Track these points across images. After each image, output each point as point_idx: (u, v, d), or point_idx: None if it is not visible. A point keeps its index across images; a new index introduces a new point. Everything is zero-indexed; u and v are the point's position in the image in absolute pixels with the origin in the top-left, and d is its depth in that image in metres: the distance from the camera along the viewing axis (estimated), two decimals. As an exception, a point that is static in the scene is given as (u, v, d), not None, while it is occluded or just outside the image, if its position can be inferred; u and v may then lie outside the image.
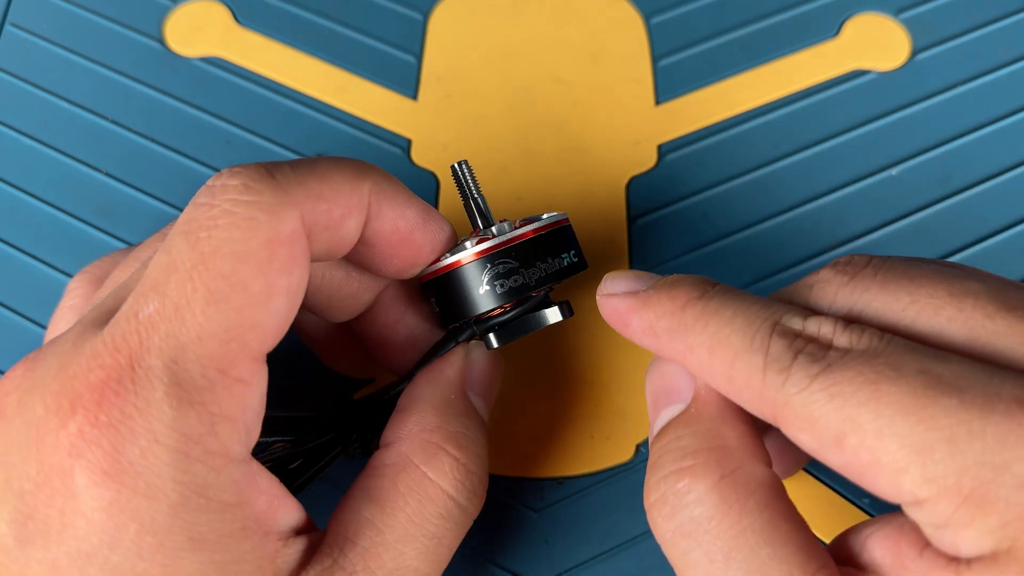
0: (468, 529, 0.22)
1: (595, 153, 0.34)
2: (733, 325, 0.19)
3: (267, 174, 0.19)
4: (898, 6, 0.36)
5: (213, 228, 0.18)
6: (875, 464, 0.17)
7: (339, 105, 0.35)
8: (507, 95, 0.35)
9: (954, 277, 0.19)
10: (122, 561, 0.17)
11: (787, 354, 0.18)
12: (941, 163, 0.33)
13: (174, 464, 0.17)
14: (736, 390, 0.19)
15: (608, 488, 0.28)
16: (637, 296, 0.22)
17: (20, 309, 0.31)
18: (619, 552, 0.27)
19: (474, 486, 0.22)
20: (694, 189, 0.33)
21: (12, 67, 0.35)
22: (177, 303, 0.18)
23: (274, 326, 0.19)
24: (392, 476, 0.21)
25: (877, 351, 0.18)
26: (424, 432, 0.22)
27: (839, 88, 0.35)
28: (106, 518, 0.17)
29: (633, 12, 0.37)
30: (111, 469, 0.17)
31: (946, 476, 0.16)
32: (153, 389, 0.17)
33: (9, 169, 0.33)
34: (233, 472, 0.18)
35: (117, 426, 0.17)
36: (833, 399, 0.17)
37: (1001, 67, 0.35)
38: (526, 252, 0.23)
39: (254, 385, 0.19)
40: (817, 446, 0.18)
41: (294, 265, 0.19)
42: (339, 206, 0.20)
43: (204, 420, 0.18)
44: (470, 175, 0.24)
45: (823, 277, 0.21)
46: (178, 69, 0.35)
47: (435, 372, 0.24)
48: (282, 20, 0.36)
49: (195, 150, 0.34)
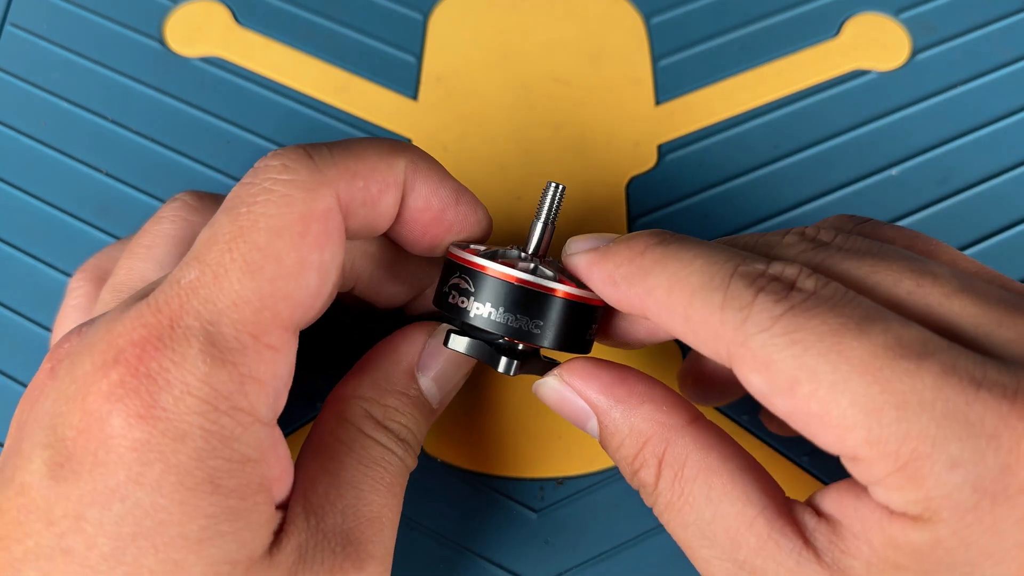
0: (407, 476, 0.23)
1: (595, 153, 0.34)
2: (693, 266, 0.20)
3: (305, 155, 0.20)
4: (898, 6, 0.36)
5: (252, 204, 0.20)
6: (824, 416, 0.17)
7: (339, 105, 0.35)
8: (507, 95, 0.35)
9: (916, 259, 0.20)
10: (144, 496, 0.18)
11: (748, 291, 0.18)
12: (941, 163, 0.33)
13: (203, 414, 0.18)
14: (692, 329, 0.19)
15: (608, 488, 0.28)
16: (597, 250, 0.22)
17: (20, 309, 0.31)
18: (619, 552, 0.27)
19: (407, 445, 0.23)
20: (694, 189, 0.33)
21: (12, 67, 0.35)
22: (216, 271, 0.19)
23: (305, 298, 0.20)
24: (332, 431, 0.23)
25: (843, 302, 0.18)
26: (358, 399, 0.23)
27: (839, 88, 0.35)
28: (135, 456, 0.18)
29: (633, 12, 0.37)
30: (146, 414, 0.18)
31: (888, 441, 0.17)
32: (190, 346, 0.18)
33: (9, 169, 0.33)
34: (259, 432, 0.19)
35: (155, 376, 0.18)
36: (793, 344, 0.18)
37: (1001, 67, 0.35)
38: (552, 307, 0.22)
39: (283, 353, 0.20)
40: (767, 389, 0.18)
41: (327, 241, 0.20)
42: (375, 182, 0.21)
43: (234, 379, 0.19)
44: (559, 203, 0.24)
45: (789, 240, 0.21)
46: (178, 69, 0.35)
47: (389, 345, 0.24)
48: (282, 20, 0.36)
49: (195, 150, 0.34)
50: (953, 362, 0.17)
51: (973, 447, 0.17)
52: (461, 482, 0.28)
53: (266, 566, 0.19)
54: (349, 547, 0.21)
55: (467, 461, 0.28)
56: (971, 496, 0.17)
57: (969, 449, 0.17)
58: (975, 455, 0.17)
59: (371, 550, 0.21)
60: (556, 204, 0.24)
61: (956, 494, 0.17)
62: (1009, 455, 0.17)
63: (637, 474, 0.22)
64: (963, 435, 0.17)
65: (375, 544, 0.21)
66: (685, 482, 0.21)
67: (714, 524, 0.20)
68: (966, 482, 0.17)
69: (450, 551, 0.27)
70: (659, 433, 0.21)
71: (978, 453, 0.17)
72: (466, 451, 0.28)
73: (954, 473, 0.17)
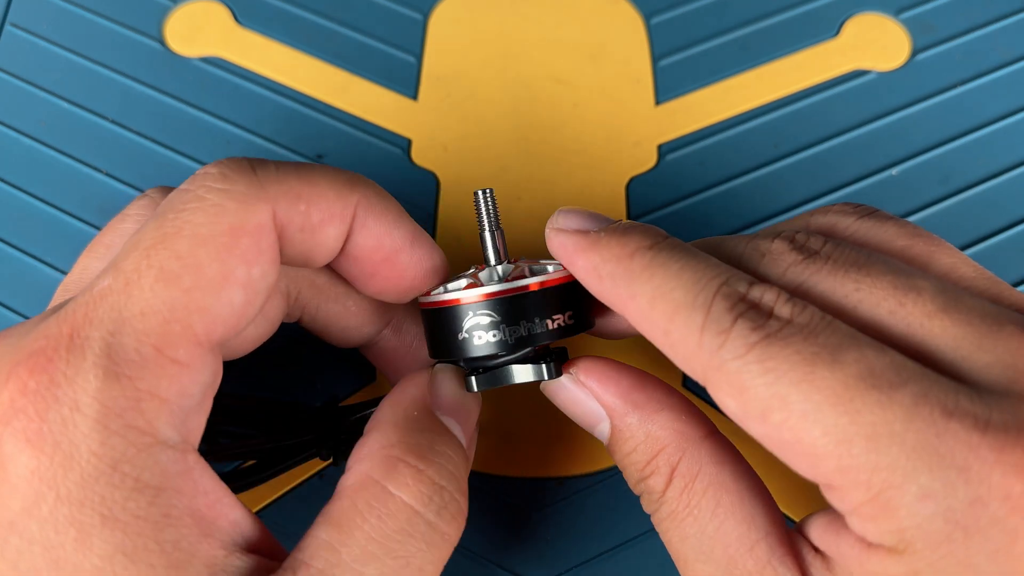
0: (447, 554, 0.20)
1: (595, 153, 0.34)
2: (679, 280, 0.19)
3: (247, 167, 0.20)
4: (898, 6, 0.36)
5: (181, 211, 0.19)
6: (796, 444, 0.17)
7: (339, 105, 0.35)
8: (507, 95, 0.35)
9: (902, 272, 0.19)
10: (40, 531, 0.17)
11: (727, 316, 0.18)
12: (941, 163, 0.33)
13: (91, 435, 0.17)
14: (671, 344, 0.19)
15: (608, 488, 0.28)
16: (587, 236, 0.21)
17: (20, 309, 0.31)
18: (619, 552, 0.27)
19: (444, 502, 0.20)
20: (694, 189, 0.33)
21: (12, 67, 0.35)
22: (128, 278, 0.18)
23: (226, 315, 0.19)
24: (351, 495, 0.20)
25: (817, 329, 0.18)
26: (383, 448, 0.20)
27: (839, 88, 0.35)
28: (27, 486, 0.17)
29: (633, 12, 0.37)
30: (34, 436, 0.17)
31: (859, 471, 0.17)
32: (83, 359, 0.17)
33: (9, 169, 0.33)
34: (159, 455, 0.17)
35: (43, 393, 0.17)
36: (767, 373, 0.17)
37: (1001, 67, 0.35)
38: (530, 304, 0.22)
39: (193, 370, 0.18)
40: (741, 414, 0.18)
41: (256, 257, 0.19)
42: (318, 210, 0.20)
43: (129, 394, 0.17)
44: (493, 205, 0.23)
45: (777, 248, 0.21)
46: (178, 69, 0.35)
47: (398, 393, 0.23)
48: (282, 20, 0.36)
49: (195, 150, 0.34)
50: (925, 391, 0.17)
51: (943, 479, 0.16)
52: (461, 482, 0.28)
53: None
54: None
55: (467, 461, 0.28)
56: (943, 527, 0.16)
57: (939, 481, 0.16)
58: (945, 487, 0.16)
59: None
60: (492, 208, 0.23)
61: (928, 525, 0.17)
62: (980, 487, 0.16)
63: (645, 480, 0.21)
64: (933, 466, 0.16)
65: None
66: (694, 494, 0.20)
67: (714, 540, 0.20)
68: (937, 514, 0.16)
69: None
70: (676, 442, 0.21)
71: (948, 485, 0.16)
72: (466, 451, 0.28)
73: (925, 504, 0.16)
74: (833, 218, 0.23)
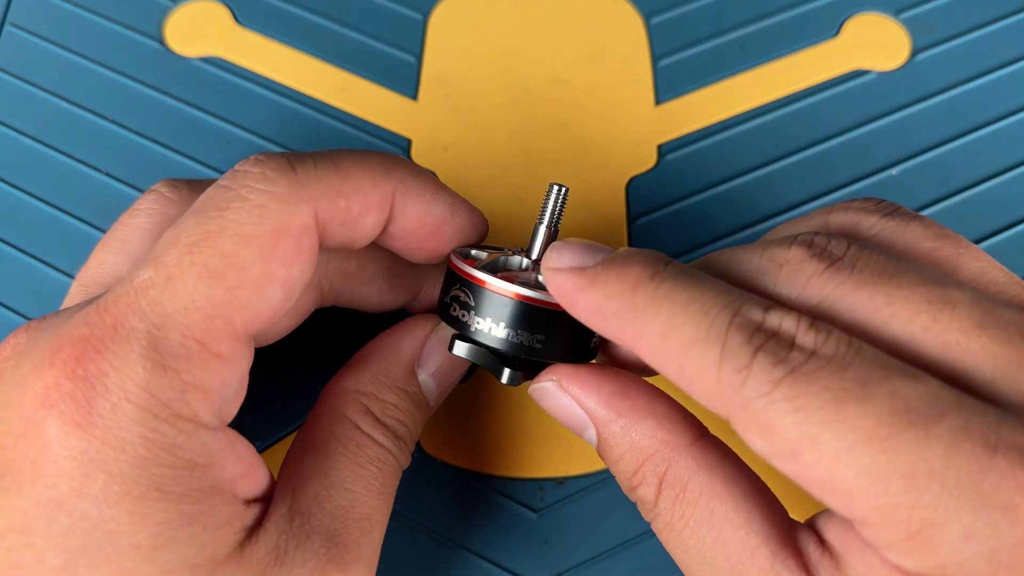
0: (399, 476, 0.23)
1: (595, 153, 0.34)
2: (687, 312, 0.18)
3: (287, 166, 0.20)
4: (898, 6, 0.36)
5: (224, 209, 0.19)
6: (829, 483, 0.17)
7: (339, 105, 0.35)
8: (507, 95, 0.35)
9: (935, 283, 0.18)
10: (91, 508, 0.17)
11: (746, 349, 0.17)
12: (941, 163, 0.33)
13: (141, 422, 0.18)
14: (688, 380, 0.18)
15: (608, 488, 0.28)
16: (584, 273, 0.20)
17: (20, 309, 0.31)
18: (619, 552, 0.27)
19: (405, 442, 0.23)
20: (694, 189, 0.33)
21: (12, 67, 0.35)
22: (171, 273, 0.18)
23: (264, 311, 0.19)
24: (328, 426, 0.22)
25: (845, 362, 0.17)
26: (357, 395, 0.23)
27: (839, 88, 0.35)
28: (76, 467, 0.17)
29: (633, 12, 0.37)
30: (83, 421, 0.17)
31: (898, 509, 0.16)
32: (131, 350, 0.18)
33: (9, 169, 0.33)
34: (204, 437, 0.19)
35: (92, 380, 0.18)
36: (796, 412, 0.17)
37: (1001, 67, 0.35)
38: (555, 323, 0.21)
39: (233, 363, 0.19)
40: (770, 453, 0.17)
41: (297, 258, 0.20)
42: (357, 203, 0.21)
43: (175, 386, 0.18)
44: (562, 205, 0.23)
45: (795, 257, 0.20)
46: (178, 69, 0.35)
47: (391, 338, 0.24)
48: (282, 20, 0.36)
49: (195, 150, 0.34)
50: (965, 424, 0.16)
51: (987, 519, 0.16)
52: (461, 482, 0.28)
53: (234, 566, 0.19)
54: (334, 549, 0.20)
55: (467, 461, 0.28)
56: (986, 567, 0.16)
57: (983, 521, 0.16)
58: (989, 527, 0.16)
59: (357, 552, 0.21)
60: (559, 207, 0.23)
61: (971, 563, 0.16)
62: None
63: (635, 490, 0.21)
64: (976, 506, 0.16)
65: (362, 546, 0.21)
66: (686, 505, 0.20)
67: (715, 550, 0.19)
68: (980, 554, 0.16)
69: (450, 551, 0.27)
70: (661, 452, 0.20)
71: (992, 526, 0.16)
72: (466, 451, 0.28)
73: (968, 544, 0.16)
74: (855, 216, 0.22)
